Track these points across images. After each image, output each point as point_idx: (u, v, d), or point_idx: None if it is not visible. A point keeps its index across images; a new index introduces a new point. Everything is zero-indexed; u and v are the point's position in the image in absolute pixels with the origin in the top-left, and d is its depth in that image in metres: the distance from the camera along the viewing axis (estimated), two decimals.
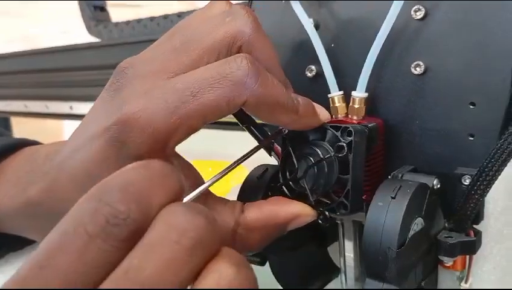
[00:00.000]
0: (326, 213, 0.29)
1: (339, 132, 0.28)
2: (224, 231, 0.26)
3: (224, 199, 0.28)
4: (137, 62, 0.25)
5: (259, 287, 0.18)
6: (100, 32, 0.68)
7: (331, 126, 0.29)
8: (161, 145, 0.24)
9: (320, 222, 0.29)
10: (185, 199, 0.21)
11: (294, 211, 0.27)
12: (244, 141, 0.32)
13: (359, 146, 0.28)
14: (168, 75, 0.24)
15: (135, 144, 0.23)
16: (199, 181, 0.28)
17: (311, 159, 0.28)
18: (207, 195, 0.27)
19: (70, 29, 0.98)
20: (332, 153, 0.28)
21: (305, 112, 0.27)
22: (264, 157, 0.32)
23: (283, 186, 0.30)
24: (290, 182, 0.29)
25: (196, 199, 0.23)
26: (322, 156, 0.28)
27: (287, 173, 0.30)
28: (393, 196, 0.27)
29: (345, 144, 0.28)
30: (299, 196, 0.29)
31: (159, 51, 0.26)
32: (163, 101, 0.23)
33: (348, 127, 0.28)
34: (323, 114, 0.29)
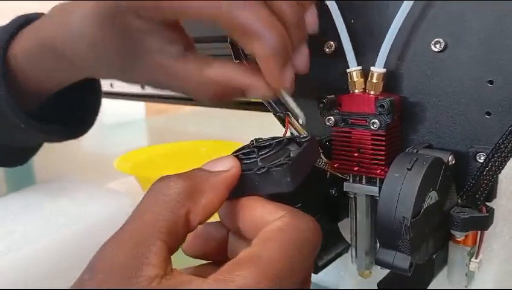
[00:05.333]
0: None
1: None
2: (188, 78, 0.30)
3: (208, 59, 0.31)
4: None
5: None
6: None
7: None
8: (148, 14, 0.28)
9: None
10: None
11: (247, 82, 0.28)
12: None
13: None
14: None
15: None
16: (188, 40, 0.31)
17: None
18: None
19: None
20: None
21: (270, 56, 0.26)
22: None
23: None
24: None
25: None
26: None
27: None
28: (409, 167, 0.27)
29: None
30: None
31: None
32: None
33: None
34: (276, 77, 0.27)
